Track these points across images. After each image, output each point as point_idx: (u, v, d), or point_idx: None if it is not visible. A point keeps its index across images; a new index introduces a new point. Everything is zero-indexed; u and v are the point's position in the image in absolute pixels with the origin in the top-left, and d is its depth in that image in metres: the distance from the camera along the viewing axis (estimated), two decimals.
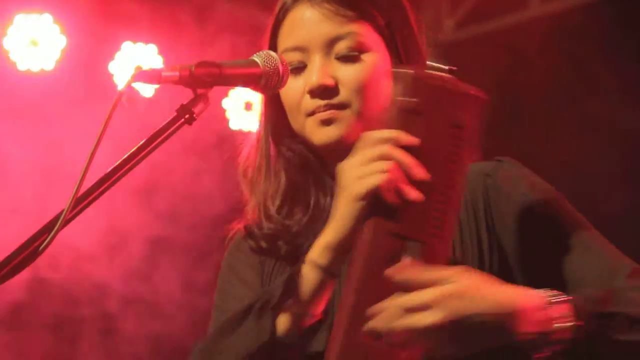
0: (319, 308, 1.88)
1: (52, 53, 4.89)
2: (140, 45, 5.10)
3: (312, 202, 2.09)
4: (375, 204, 1.78)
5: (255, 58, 1.94)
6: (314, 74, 2.03)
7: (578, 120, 5.00)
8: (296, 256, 2.03)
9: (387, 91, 2.02)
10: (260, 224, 2.09)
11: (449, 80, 1.81)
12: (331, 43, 2.03)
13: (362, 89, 2.02)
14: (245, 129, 5.35)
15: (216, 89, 1.91)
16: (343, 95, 2.02)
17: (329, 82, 2.02)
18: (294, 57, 2.05)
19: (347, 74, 2.02)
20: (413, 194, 1.77)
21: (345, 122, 2.02)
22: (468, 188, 1.98)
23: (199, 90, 1.89)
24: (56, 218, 1.71)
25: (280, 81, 1.97)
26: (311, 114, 2.04)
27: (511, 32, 5.39)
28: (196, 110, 1.87)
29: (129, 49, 5.08)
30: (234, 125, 5.39)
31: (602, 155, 4.84)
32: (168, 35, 5.04)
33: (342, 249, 1.85)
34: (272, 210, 2.09)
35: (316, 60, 2.03)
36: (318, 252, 1.87)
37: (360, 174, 1.80)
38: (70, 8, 4.89)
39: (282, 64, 1.96)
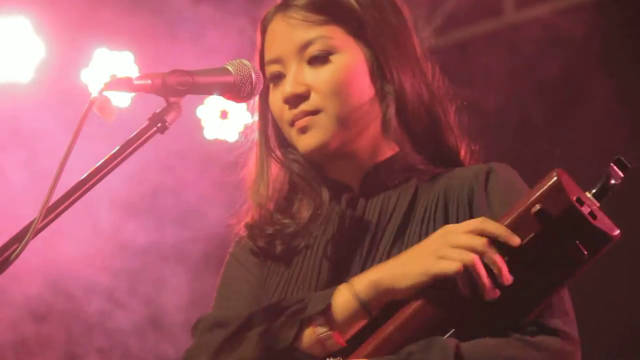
0: (346, 337, 1.90)
1: (27, 61, 4.84)
2: (115, 53, 5.07)
3: (312, 204, 2.10)
4: (446, 285, 1.76)
5: (228, 66, 1.94)
6: (287, 84, 2.04)
7: (565, 131, 5.01)
8: (291, 257, 2.07)
9: (363, 90, 2.04)
10: (259, 224, 2.11)
11: (595, 211, 1.69)
12: (302, 49, 2.04)
13: (335, 92, 2.02)
14: (221, 137, 5.33)
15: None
16: (315, 100, 2.03)
17: (300, 89, 2.03)
18: (275, 69, 2.08)
19: (318, 78, 2.03)
20: (489, 293, 1.75)
21: (321, 127, 2.02)
22: (456, 190, 1.99)
23: (171, 99, 1.88)
24: (27, 228, 1.69)
25: (253, 89, 1.96)
26: (292, 123, 2.06)
27: (487, 39, 5.40)
28: (168, 119, 1.86)
29: (104, 57, 5.05)
30: (209, 134, 5.37)
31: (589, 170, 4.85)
32: (145, 42, 5.01)
33: (388, 294, 1.87)
34: (272, 210, 2.11)
35: (291, 69, 2.05)
36: (364, 284, 1.88)
37: (442, 253, 1.81)
38: (45, 14, 4.84)
39: (255, 72, 1.96)
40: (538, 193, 1.69)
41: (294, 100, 2.03)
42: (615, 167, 1.69)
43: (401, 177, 2.05)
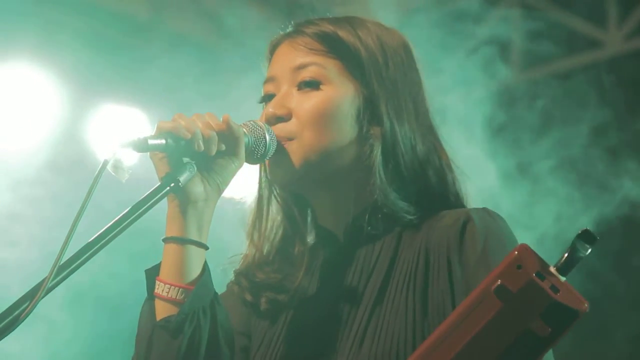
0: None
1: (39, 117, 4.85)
2: (125, 109, 5.08)
3: (294, 252, 2.09)
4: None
5: (243, 128, 1.94)
6: (271, 104, 2.03)
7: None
8: (275, 313, 2.05)
9: (344, 128, 2.01)
10: (250, 268, 2.09)
11: (558, 285, 1.62)
12: (295, 71, 2.04)
13: (314, 121, 2.00)
14: None
15: None
16: (293, 124, 2.01)
17: (282, 111, 2.02)
18: (268, 89, 2.07)
19: (301, 105, 2.01)
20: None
21: (292, 156, 2.00)
22: (436, 245, 1.95)
23: (185, 159, 1.89)
24: (38, 286, 1.68)
25: (267, 151, 1.96)
26: None
27: None
28: (182, 178, 1.86)
29: (112, 113, 5.05)
30: None
31: None
32: (152, 99, 5.02)
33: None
34: (264, 253, 2.10)
35: (281, 90, 2.04)
36: None
37: None
38: (53, 70, 4.86)
39: (269, 133, 1.96)
40: (498, 270, 1.63)
41: (274, 121, 2.01)
42: (581, 240, 1.66)
43: (385, 225, 2.02)
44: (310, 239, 2.10)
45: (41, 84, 4.83)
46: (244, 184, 2.11)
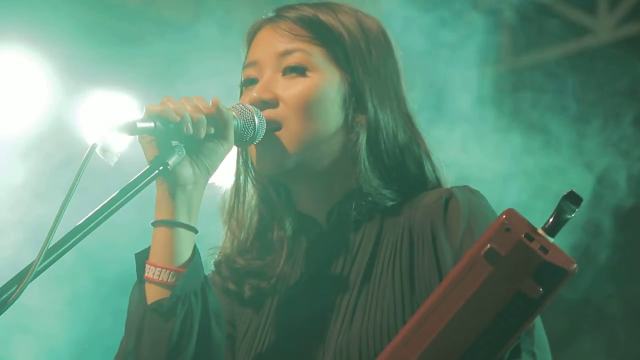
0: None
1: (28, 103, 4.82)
2: (114, 95, 5.06)
3: (273, 238, 2.09)
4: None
5: (232, 111, 1.94)
6: (256, 89, 2.02)
7: None
8: (259, 301, 2.05)
9: (330, 115, 2.01)
10: (230, 256, 2.09)
11: (547, 245, 1.63)
12: (280, 57, 2.03)
13: (301, 107, 1.99)
14: None
15: None
16: (281, 110, 2.00)
17: (267, 96, 2.01)
18: (249, 73, 2.06)
19: (287, 90, 2.00)
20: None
21: (280, 145, 2.00)
22: (419, 223, 1.96)
23: (174, 142, 1.88)
24: (26, 269, 1.68)
25: (256, 135, 1.96)
26: None
27: None
28: (171, 161, 1.86)
29: (102, 99, 5.04)
30: None
31: None
32: (143, 84, 5.01)
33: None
34: (242, 240, 2.09)
35: (265, 75, 2.03)
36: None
37: None
38: (43, 55, 4.85)
39: (258, 117, 1.96)
40: (487, 234, 1.65)
41: (260, 106, 2.00)
42: (567, 201, 1.67)
43: (367, 211, 2.02)
44: (288, 224, 2.09)
45: (31, 70, 4.81)
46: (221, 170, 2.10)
